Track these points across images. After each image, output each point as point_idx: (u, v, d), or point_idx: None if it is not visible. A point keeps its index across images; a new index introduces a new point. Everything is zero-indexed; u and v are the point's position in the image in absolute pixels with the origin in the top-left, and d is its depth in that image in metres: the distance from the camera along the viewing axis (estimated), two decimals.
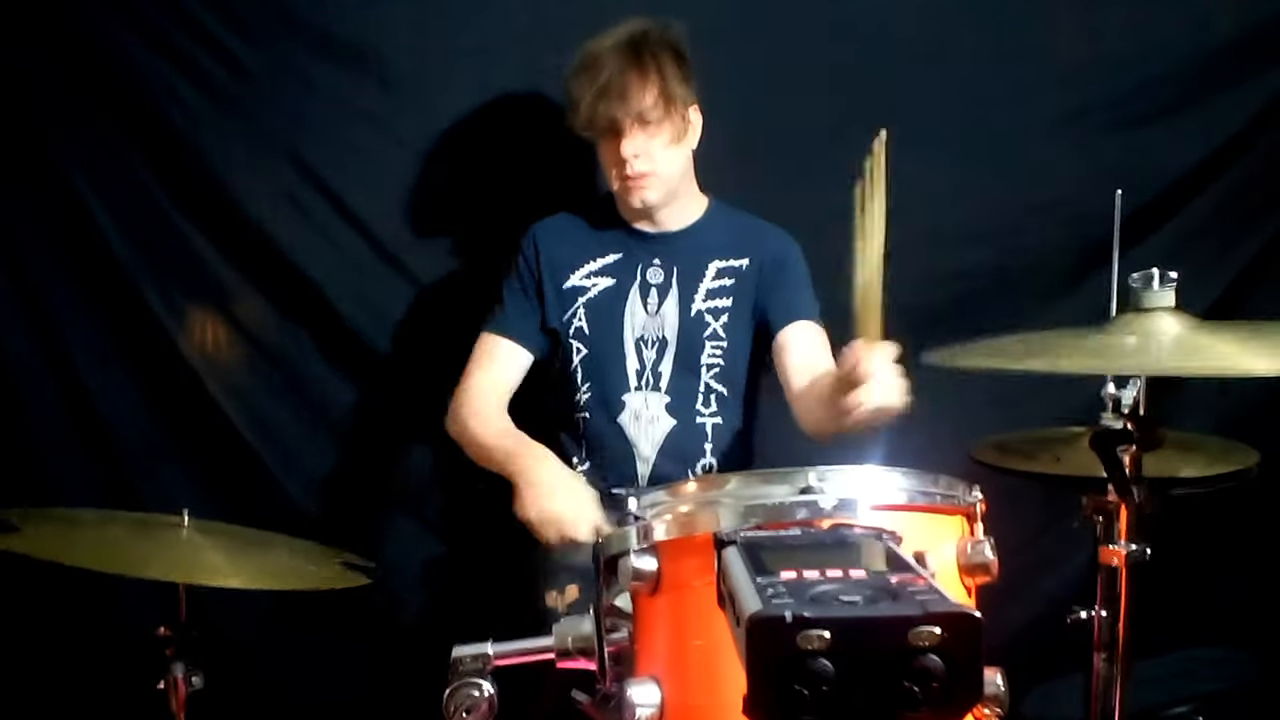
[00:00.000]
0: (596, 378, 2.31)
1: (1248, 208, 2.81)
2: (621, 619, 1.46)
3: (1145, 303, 1.73)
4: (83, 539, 1.89)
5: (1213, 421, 2.60)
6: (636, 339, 2.31)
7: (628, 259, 2.33)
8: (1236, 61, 2.73)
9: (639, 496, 1.46)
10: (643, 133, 2.20)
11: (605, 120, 2.18)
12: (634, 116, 2.18)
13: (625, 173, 2.22)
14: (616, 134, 2.20)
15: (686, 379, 2.31)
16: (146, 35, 2.45)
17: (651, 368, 2.31)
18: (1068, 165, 2.70)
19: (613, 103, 2.17)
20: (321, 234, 2.55)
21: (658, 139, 2.21)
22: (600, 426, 2.31)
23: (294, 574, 1.96)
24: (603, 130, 2.21)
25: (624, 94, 2.17)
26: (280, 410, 2.59)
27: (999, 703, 1.34)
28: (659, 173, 2.24)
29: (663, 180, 2.25)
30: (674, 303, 2.32)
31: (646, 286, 2.32)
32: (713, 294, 2.32)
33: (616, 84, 2.17)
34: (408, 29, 2.51)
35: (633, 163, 2.20)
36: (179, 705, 1.87)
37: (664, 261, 2.33)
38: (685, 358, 2.31)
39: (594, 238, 2.35)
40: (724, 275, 2.33)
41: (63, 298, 2.51)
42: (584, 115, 2.19)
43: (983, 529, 1.46)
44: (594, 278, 2.33)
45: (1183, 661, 2.81)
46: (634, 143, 2.19)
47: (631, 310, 2.32)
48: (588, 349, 2.31)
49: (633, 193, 2.25)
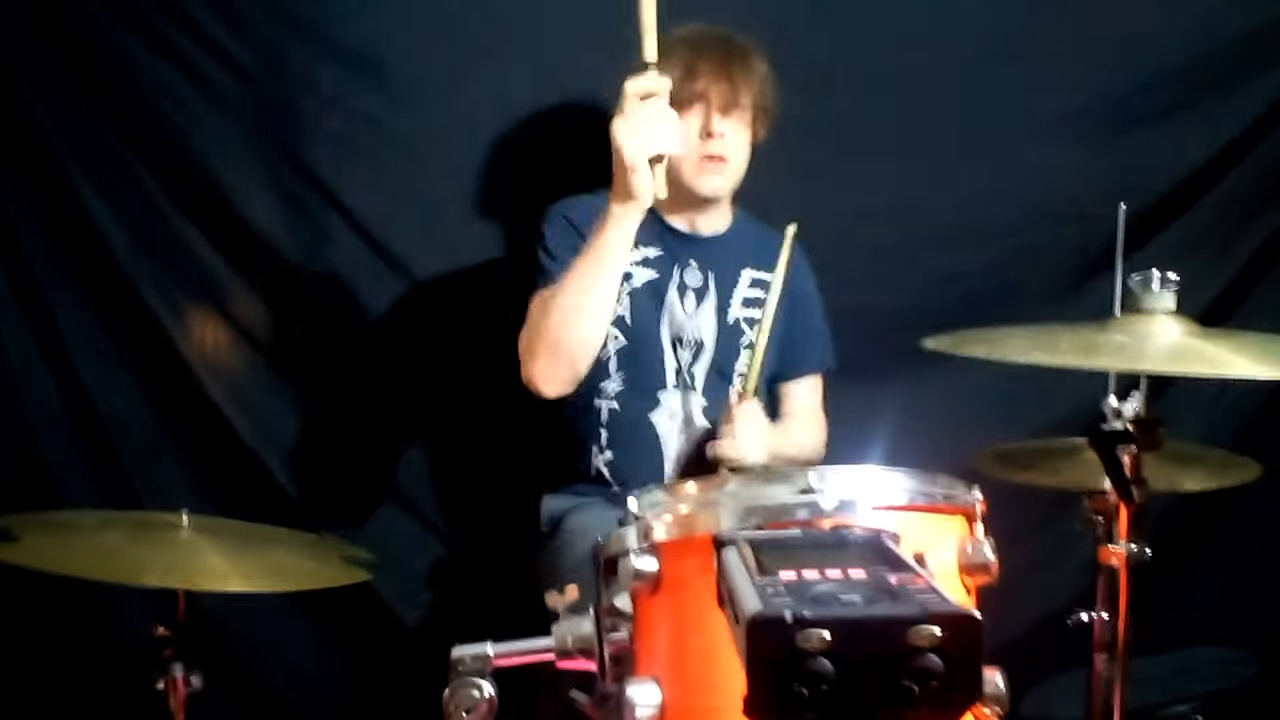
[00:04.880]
0: (632, 369, 2.28)
1: (1249, 208, 2.81)
2: (621, 619, 1.45)
3: (1145, 305, 1.73)
4: (82, 545, 1.89)
5: (1210, 426, 2.61)
6: (674, 338, 2.29)
7: (668, 256, 2.31)
8: (1238, 62, 2.74)
9: (639, 496, 1.46)
10: (737, 118, 2.21)
11: (704, 94, 2.18)
12: (734, 98, 2.19)
13: (708, 150, 2.20)
14: (707, 110, 2.19)
15: (719, 385, 2.30)
16: (146, 35, 2.45)
17: (686, 368, 2.30)
18: (1069, 166, 2.71)
19: (719, 80, 2.18)
20: (321, 234, 2.55)
21: (744, 131, 2.24)
22: (630, 420, 2.28)
23: (295, 573, 1.96)
24: (693, 103, 2.18)
25: (731, 76, 2.19)
26: (280, 410, 2.59)
27: (999, 702, 1.34)
28: (735, 162, 2.25)
29: (734, 172, 2.26)
30: (711, 308, 2.31)
31: (684, 287, 2.31)
32: (748, 303, 2.33)
33: (725, 65, 2.19)
34: (408, 30, 2.51)
35: (719, 141, 2.20)
36: (178, 705, 1.86)
37: (700, 265, 2.32)
38: (720, 364, 2.31)
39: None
40: (757, 286, 2.34)
41: (63, 298, 2.51)
42: (680, 85, 2.11)
43: (983, 529, 1.46)
44: (638, 267, 2.28)
45: (1183, 661, 2.80)
46: (725, 123, 2.20)
47: (671, 307, 2.30)
48: (626, 339, 2.27)
49: (708, 174, 2.23)
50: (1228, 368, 1.63)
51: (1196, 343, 1.69)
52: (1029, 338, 1.83)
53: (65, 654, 2.50)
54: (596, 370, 2.24)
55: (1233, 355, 1.65)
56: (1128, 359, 1.69)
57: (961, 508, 1.46)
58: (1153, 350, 1.68)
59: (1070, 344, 1.77)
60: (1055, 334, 1.81)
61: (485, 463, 2.60)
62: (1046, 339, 1.82)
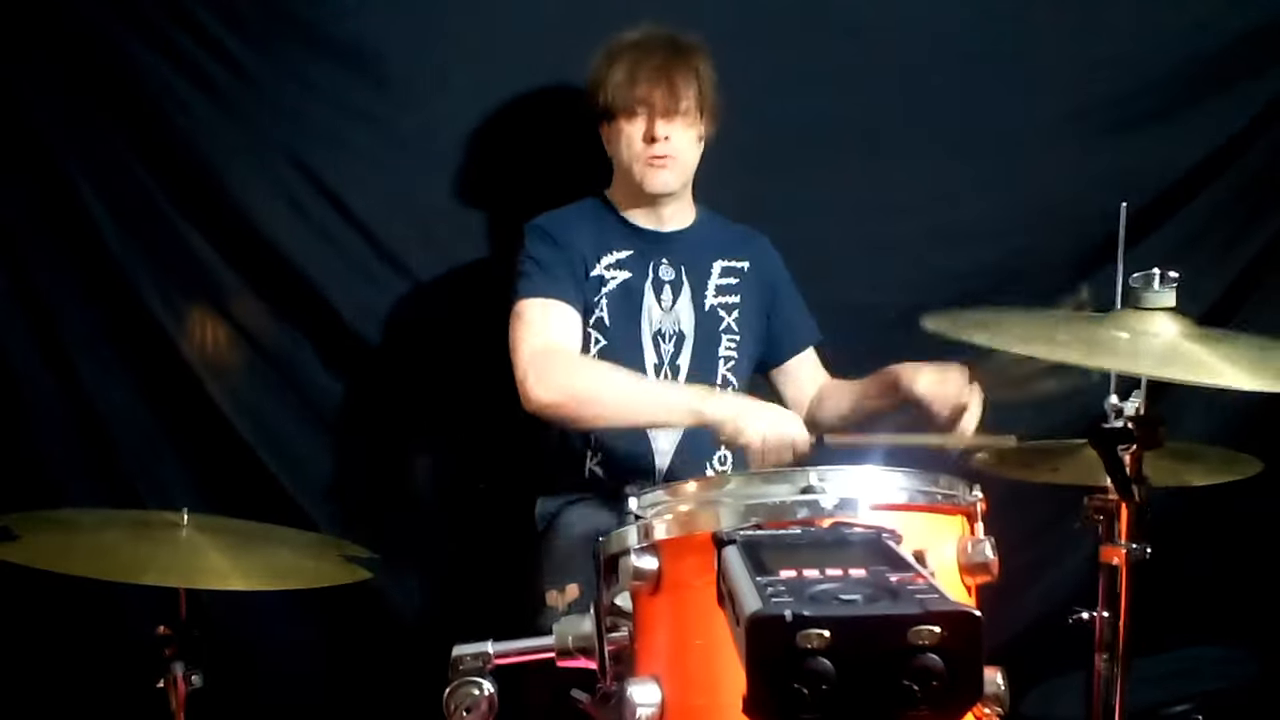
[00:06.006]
0: None
1: (1249, 208, 2.81)
2: (622, 618, 1.46)
3: (1145, 302, 1.72)
4: (82, 545, 1.88)
5: (1210, 423, 2.61)
6: (654, 333, 2.33)
7: (640, 255, 2.35)
8: (1237, 62, 2.73)
9: (639, 495, 1.46)
10: (679, 120, 2.26)
11: (646, 100, 2.25)
12: (674, 103, 2.25)
13: (652, 152, 2.26)
14: (650, 115, 2.25)
15: (704, 373, 2.33)
16: (146, 35, 2.45)
17: (669, 361, 2.33)
18: (1068, 165, 2.71)
19: (659, 86, 2.24)
20: (321, 234, 2.54)
21: (689, 131, 2.29)
22: None
23: (295, 572, 1.96)
24: (635, 110, 2.26)
25: (671, 80, 2.25)
26: (279, 410, 2.59)
27: (999, 702, 1.34)
28: (682, 160, 2.30)
29: (683, 169, 2.32)
30: (687, 298, 2.36)
31: (660, 283, 2.35)
32: (722, 290, 2.38)
33: (665, 70, 2.26)
34: (407, 29, 2.51)
35: (664, 144, 2.25)
36: (179, 704, 1.86)
37: (672, 260, 2.36)
38: (703, 351, 2.34)
39: (605, 232, 2.36)
40: (729, 274, 2.39)
41: (63, 298, 2.51)
42: (623, 92, 2.25)
43: (983, 528, 1.46)
44: (613, 270, 2.34)
45: (1183, 661, 2.80)
46: (669, 126, 2.26)
47: (648, 304, 2.34)
48: (606, 340, 2.31)
49: (656, 172, 2.29)
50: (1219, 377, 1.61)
51: (1191, 346, 1.67)
52: (1027, 324, 1.82)
53: (66, 653, 2.50)
54: None
55: (1225, 363, 1.63)
56: (1124, 357, 1.69)
57: (962, 507, 1.47)
58: (1147, 351, 1.68)
59: (1069, 335, 1.77)
60: (1055, 323, 1.81)
61: (485, 461, 2.60)
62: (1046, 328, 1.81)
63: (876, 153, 2.67)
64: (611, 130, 2.31)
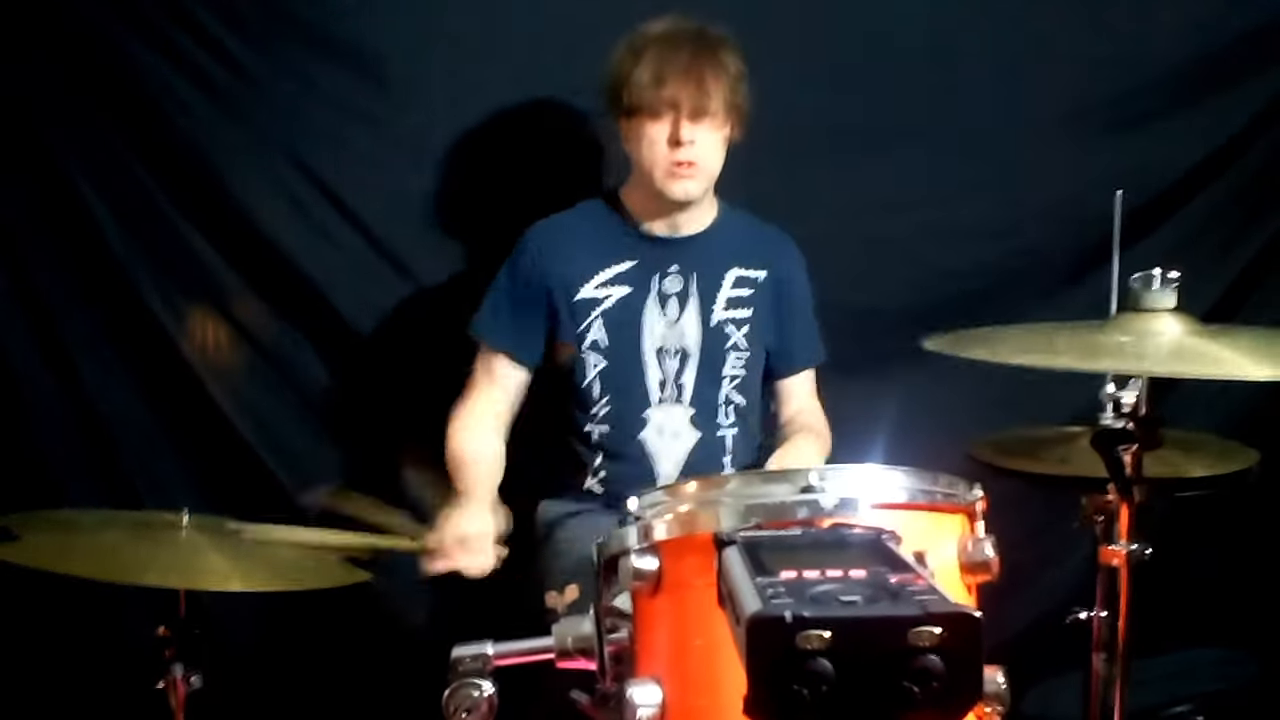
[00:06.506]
0: (616, 392, 2.25)
1: (1248, 208, 2.82)
2: (621, 619, 1.46)
3: (1145, 303, 1.72)
4: (82, 545, 1.89)
5: (1212, 420, 2.60)
6: (657, 349, 2.26)
7: (642, 266, 2.26)
8: (1236, 61, 2.74)
9: (639, 496, 1.46)
10: (707, 122, 2.15)
11: (672, 101, 2.12)
12: (703, 104, 2.13)
13: (676, 158, 2.15)
14: (676, 118, 2.14)
15: (709, 391, 2.27)
16: (146, 35, 2.45)
17: (674, 379, 2.26)
18: (1068, 165, 2.71)
19: (687, 85, 2.12)
20: (321, 234, 2.54)
21: (716, 134, 2.18)
22: (619, 442, 2.26)
23: (295, 574, 1.96)
24: (661, 111, 2.14)
25: (701, 81, 2.13)
26: (280, 410, 2.59)
27: (1000, 701, 1.34)
28: (707, 167, 2.19)
29: (707, 175, 2.20)
30: (694, 312, 2.27)
31: (664, 296, 2.26)
32: (733, 303, 2.29)
33: (694, 69, 2.13)
34: (407, 29, 2.51)
35: (689, 149, 2.15)
36: (178, 705, 1.87)
37: (682, 268, 2.27)
38: (708, 369, 2.27)
39: (603, 243, 2.28)
40: (742, 285, 2.30)
41: (63, 298, 2.51)
42: (649, 92, 2.12)
43: (983, 527, 1.46)
44: (608, 287, 2.25)
45: (1183, 661, 2.81)
46: (695, 130, 2.14)
47: (650, 320, 2.26)
48: (607, 361, 2.25)
49: (679, 180, 2.17)
50: (1227, 368, 1.62)
51: (1197, 342, 1.68)
52: (1028, 337, 1.82)
53: (65, 653, 2.50)
54: (583, 398, 2.26)
55: (1232, 354, 1.64)
56: (1128, 359, 1.69)
57: (962, 506, 1.46)
58: (1153, 350, 1.68)
59: (1070, 344, 1.77)
60: (1054, 334, 1.81)
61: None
62: (1045, 339, 1.81)
63: (875, 152, 2.67)
64: (632, 127, 2.19)
